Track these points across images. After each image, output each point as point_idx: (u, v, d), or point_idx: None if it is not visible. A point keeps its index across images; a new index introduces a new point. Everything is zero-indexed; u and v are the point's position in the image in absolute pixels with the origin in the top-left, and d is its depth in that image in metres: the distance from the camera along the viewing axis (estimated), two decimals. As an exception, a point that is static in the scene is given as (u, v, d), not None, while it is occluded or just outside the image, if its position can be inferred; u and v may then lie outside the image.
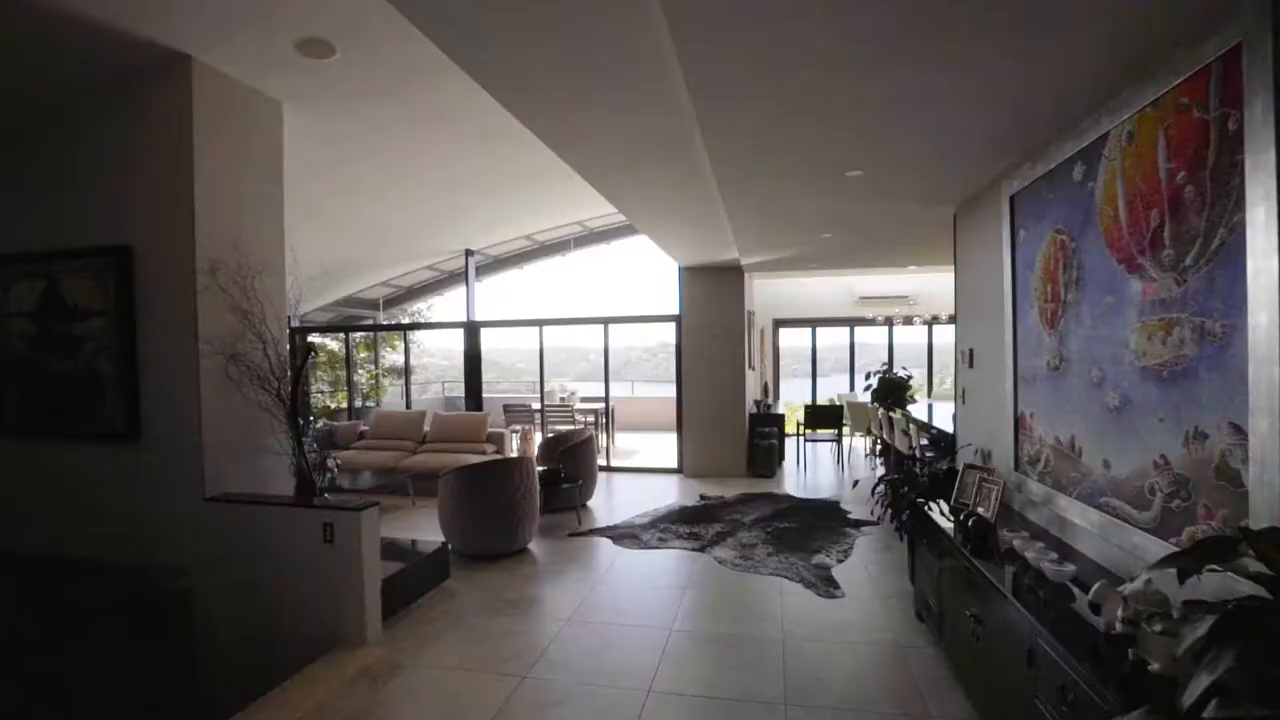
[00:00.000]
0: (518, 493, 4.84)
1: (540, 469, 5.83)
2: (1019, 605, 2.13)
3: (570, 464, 6.18)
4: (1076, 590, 2.23)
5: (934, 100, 2.59)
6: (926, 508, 3.64)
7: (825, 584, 4.16)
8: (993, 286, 3.64)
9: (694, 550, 4.92)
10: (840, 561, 4.59)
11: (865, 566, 4.49)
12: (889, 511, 4.01)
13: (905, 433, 5.41)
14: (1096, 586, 1.86)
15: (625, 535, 5.34)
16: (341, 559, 3.36)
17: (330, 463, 6.36)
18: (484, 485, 4.79)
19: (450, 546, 4.90)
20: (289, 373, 3.77)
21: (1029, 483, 3.06)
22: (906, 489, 3.93)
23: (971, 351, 4.10)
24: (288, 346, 4.05)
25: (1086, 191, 2.51)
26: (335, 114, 4.83)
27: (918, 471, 4.02)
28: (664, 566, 4.61)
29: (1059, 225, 2.76)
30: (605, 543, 5.17)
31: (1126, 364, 2.23)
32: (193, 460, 3.50)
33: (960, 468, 3.53)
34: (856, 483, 4.51)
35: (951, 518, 3.37)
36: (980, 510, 3.09)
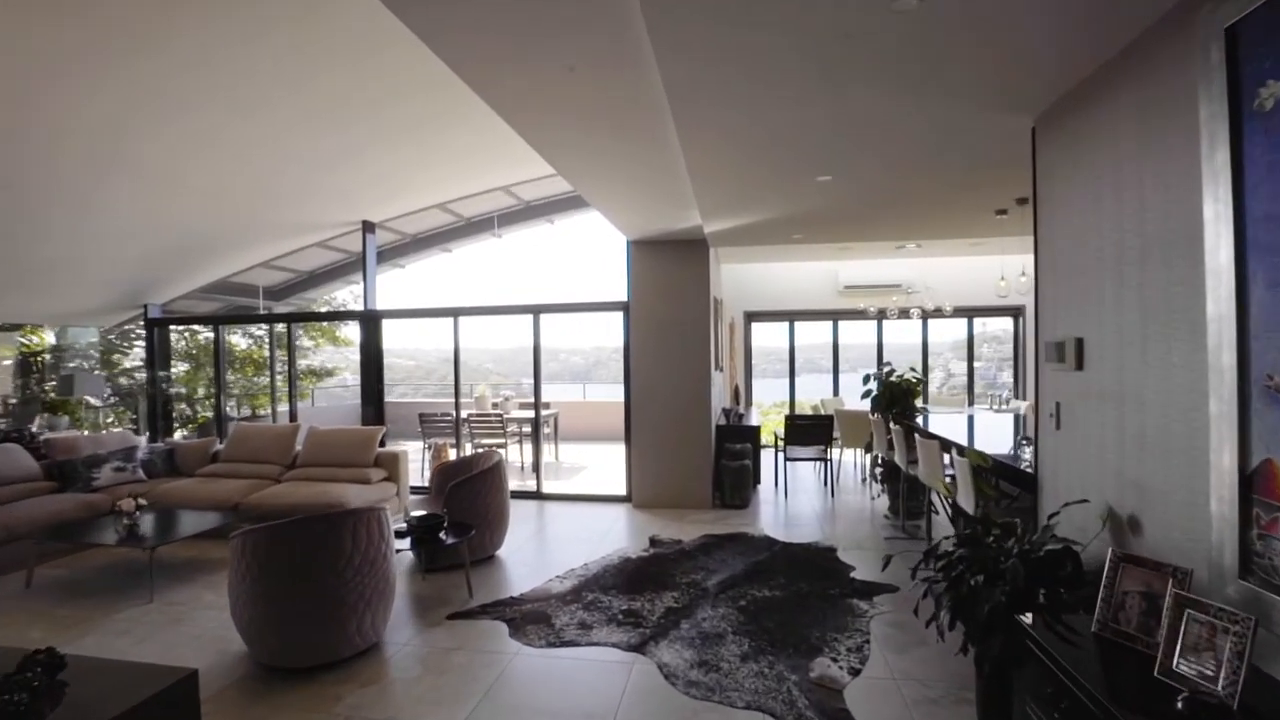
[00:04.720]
0: (354, 564, 3.09)
1: (417, 515, 4.07)
2: None
3: (461, 506, 4.40)
4: None
5: None
6: (1021, 618, 2.02)
7: (838, 731, 2.50)
8: (1145, 227, 2.03)
9: (630, 649, 3.22)
10: (855, 671, 2.94)
11: (896, 682, 2.85)
12: (948, 617, 2.37)
13: (984, 480, 3.41)
14: None
15: (532, 617, 3.61)
16: None
17: (128, 504, 4.49)
18: (296, 553, 3.01)
19: (248, 651, 3.14)
20: None
21: (1302, 618, 1.44)
22: (980, 579, 2.29)
23: (1079, 343, 2.49)
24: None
25: None
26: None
27: (992, 545, 2.39)
28: (577, 689, 2.89)
29: None
30: (499, 631, 3.45)
31: None
32: None
33: (1107, 559, 1.90)
34: (888, 560, 2.82)
35: (1092, 644, 1.74)
36: (1195, 675, 1.46)
